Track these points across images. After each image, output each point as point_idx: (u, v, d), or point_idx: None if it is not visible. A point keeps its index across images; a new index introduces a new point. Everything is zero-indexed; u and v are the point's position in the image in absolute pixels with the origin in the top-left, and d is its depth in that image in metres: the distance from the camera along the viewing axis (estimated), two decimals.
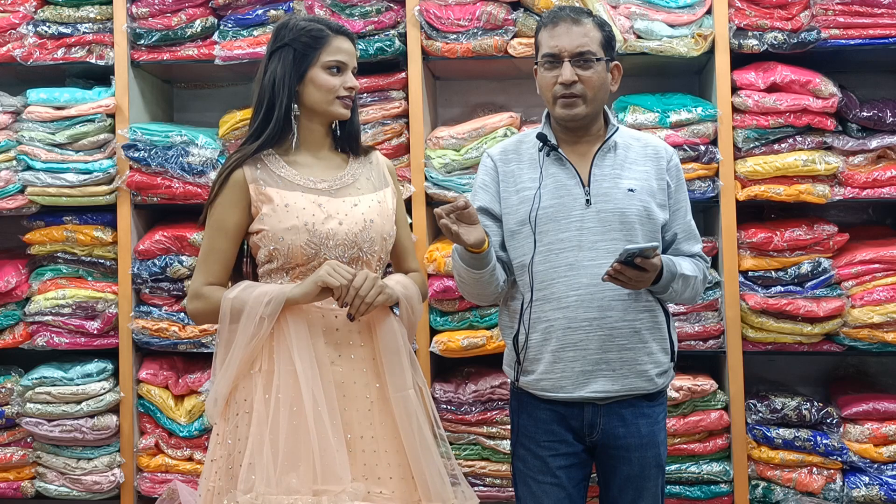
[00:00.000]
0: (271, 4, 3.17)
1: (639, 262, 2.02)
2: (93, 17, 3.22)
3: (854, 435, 2.96)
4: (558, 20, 2.18)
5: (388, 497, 1.98)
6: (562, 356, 2.17)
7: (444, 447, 2.12)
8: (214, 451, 2.06)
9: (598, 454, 2.24)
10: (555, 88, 2.17)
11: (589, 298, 2.15)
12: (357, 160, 2.20)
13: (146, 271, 3.14)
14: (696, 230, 2.32)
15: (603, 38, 2.19)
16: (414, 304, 2.14)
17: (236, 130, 3.15)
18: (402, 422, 2.03)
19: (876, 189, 2.99)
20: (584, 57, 2.15)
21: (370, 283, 1.97)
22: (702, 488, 2.99)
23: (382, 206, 2.14)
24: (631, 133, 2.32)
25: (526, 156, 2.27)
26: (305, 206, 2.04)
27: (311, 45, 2.09)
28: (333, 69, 2.09)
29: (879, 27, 2.97)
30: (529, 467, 2.22)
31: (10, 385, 3.23)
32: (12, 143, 3.22)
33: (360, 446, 2.00)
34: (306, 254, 2.03)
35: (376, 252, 2.11)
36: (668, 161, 2.27)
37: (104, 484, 3.18)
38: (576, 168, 2.21)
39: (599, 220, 2.17)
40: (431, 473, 2.02)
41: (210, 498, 2.03)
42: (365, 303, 1.96)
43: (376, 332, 2.07)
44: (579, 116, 2.19)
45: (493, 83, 3.47)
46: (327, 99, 2.09)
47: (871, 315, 2.93)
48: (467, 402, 3.02)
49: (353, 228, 2.06)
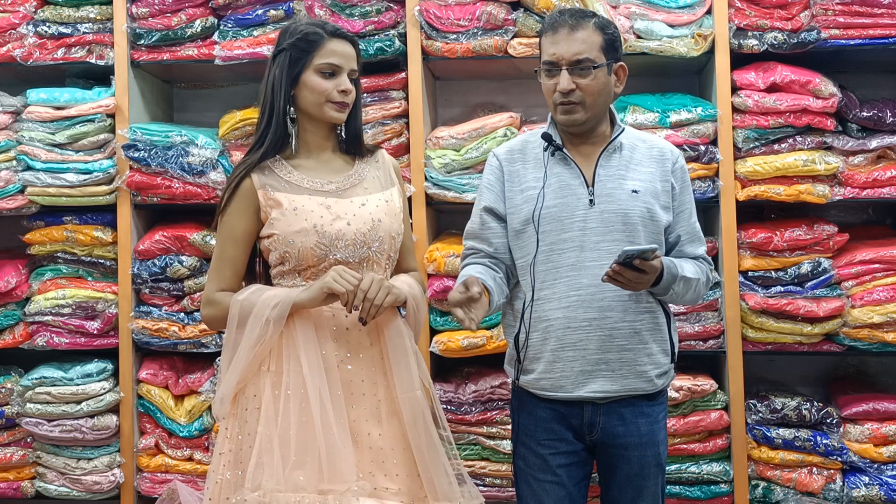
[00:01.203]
0: (271, 4, 3.17)
1: (637, 264, 2.02)
2: (93, 17, 3.22)
3: (854, 435, 2.96)
4: (558, 26, 2.18)
5: (395, 492, 2.00)
6: (561, 356, 2.17)
7: (450, 448, 2.12)
8: (223, 445, 2.07)
9: (598, 453, 2.25)
10: (554, 95, 2.18)
11: (589, 299, 2.15)
12: (363, 160, 2.21)
13: (146, 271, 3.14)
14: (700, 232, 2.33)
15: (605, 41, 2.18)
16: (420, 303, 2.16)
17: (236, 130, 3.15)
18: (410, 422, 2.05)
19: (876, 189, 2.99)
20: (581, 65, 2.15)
21: (377, 285, 1.99)
22: (702, 488, 2.99)
23: (390, 205, 2.15)
24: (637, 134, 2.32)
25: (531, 155, 2.28)
26: (314, 209, 2.06)
27: (306, 48, 2.10)
28: (327, 72, 2.10)
29: (879, 27, 2.97)
30: (530, 465, 2.23)
31: (10, 385, 3.23)
32: (12, 143, 3.22)
33: (367, 443, 2.02)
34: (316, 255, 2.05)
35: (385, 251, 2.13)
36: (674, 163, 2.27)
37: (104, 484, 3.18)
38: (580, 168, 2.21)
39: (602, 221, 2.17)
40: (438, 473, 2.04)
41: (218, 490, 2.04)
42: (374, 305, 1.98)
43: (383, 333, 2.08)
44: (578, 122, 2.19)
45: (493, 83, 3.47)
46: (318, 102, 2.10)
47: (871, 315, 2.93)
48: (467, 402, 3.02)
49: (361, 228, 2.08)
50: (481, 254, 2.27)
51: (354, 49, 2.16)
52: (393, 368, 2.07)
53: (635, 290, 2.11)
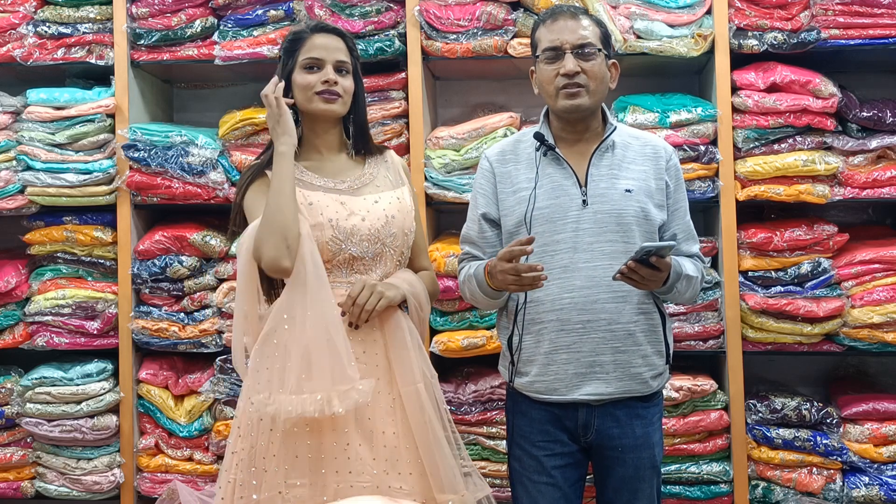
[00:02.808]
0: (271, 4, 3.17)
1: (654, 261, 2.00)
2: (93, 17, 3.22)
3: (854, 435, 2.95)
4: (557, 16, 2.20)
5: (408, 492, 2.01)
6: (554, 358, 2.16)
7: (455, 443, 2.12)
8: (236, 444, 2.08)
9: (594, 455, 2.24)
10: (556, 80, 2.17)
11: (582, 301, 2.14)
12: (373, 159, 2.23)
13: (146, 271, 3.14)
14: (694, 230, 2.31)
15: (601, 33, 2.21)
16: (421, 301, 2.18)
17: (236, 130, 3.15)
18: (413, 415, 2.06)
19: (876, 189, 2.99)
20: (585, 49, 2.16)
21: (368, 290, 2.02)
22: (702, 488, 2.99)
23: (402, 202, 2.18)
24: (630, 132, 2.31)
25: (523, 155, 2.26)
26: (329, 204, 2.08)
27: (292, 48, 2.15)
28: (310, 67, 2.13)
29: (879, 27, 2.97)
30: (525, 467, 2.22)
31: (10, 385, 3.23)
32: (12, 144, 3.22)
33: (382, 441, 2.03)
34: (331, 249, 2.07)
35: (398, 247, 2.15)
36: (668, 161, 2.26)
37: (104, 484, 3.18)
38: (573, 168, 2.20)
39: (596, 222, 2.16)
40: (444, 466, 2.05)
41: (231, 490, 2.04)
42: (365, 311, 2.01)
43: (384, 328, 2.10)
44: (582, 107, 2.18)
45: (493, 83, 3.47)
46: (307, 97, 2.12)
47: (871, 315, 2.92)
48: (467, 402, 3.02)
49: (375, 224, 2.10)
50: (478, 259, 2.27)
51: (343, 41, 2.17)
52: (393, 363, 2.09)
53: (647, 289, 2.10)
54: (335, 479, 1.99)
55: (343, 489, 1.98)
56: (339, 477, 1.99)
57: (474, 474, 2.15)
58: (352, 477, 1.99)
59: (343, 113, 2.17)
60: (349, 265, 2.11)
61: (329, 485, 1.98)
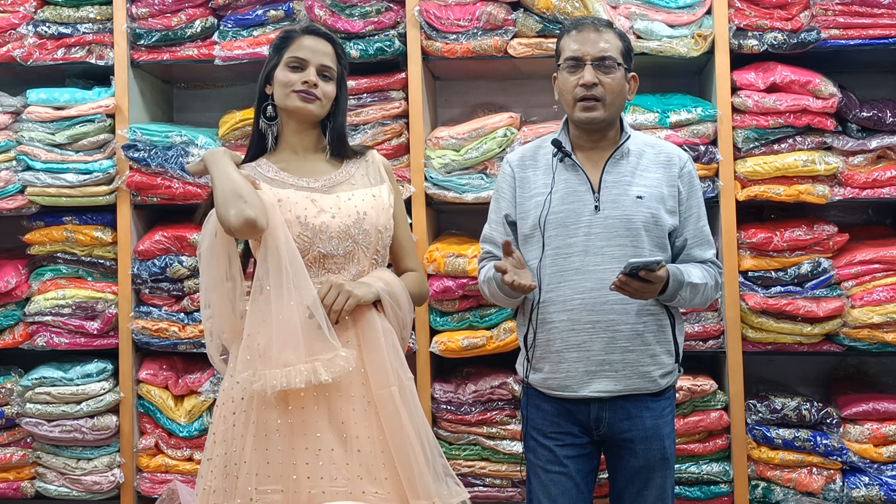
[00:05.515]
0: (271, 4, 3.17)
1: (643, 276, 2.07)
2: (93, 17, 3.22)
3: (854, 435, 2.95)
4: (582, 27, 2.26)
5: (384, 497, 1.98)
6: (566, 356, 2.23)
7: (434, 445, 2.09)
8: (211, 451, 2.07)
9: (606, 448, 2.31)
10: (575, 90, 2.23)
11: (593, 302, 2.21)
12: (352, 161, 2.23)
13: (146, 271, 3.14)
14: (709, 236, 2.35)
15: (623, 47, 2.27)
16: (400, 301, 2.14)
17: (236, 130, 3.15)
18: (387, 420, 2.03)
19: (876, 189, 2.99)
20: (605, 62, 2.22)
21: (335, 291, 2.01)
22: (702, 488, 2.99)
23: (377, 199, 2.16)
24: (646, 140, 2.37)
25: (542, 161, 2.34)
26: (298, 201, 2.08)
27: (280, 45, 2.16)
28: (294, 66, 2.13)
29: (879, 27, 2.97)
30: (539, 457, 2.29)
31: (10, 385, 3.23)
32: (12, 144, 3.22)
33: (356, 446, 2.00)
34: (301, 246, 2.05)
35: (371, 244, 2.13)
36: (681, 168, 2.31)
37: (104, 484, 3.18)
38: (587, 174, 2.26)
39: (606, 227, 2.22)
40: (418, 471, 2.01)
41: (207, 497, 2.03)
42: (333, 311, 2.00)
43: (357, 329, 2.08)
44: (597, 120, 2.24)
45: (493, 83, 3.47)
46: (285, 93, 2.13)
47: (871, 315, 2.92)
48: (467, 403, 3.02)
49: (345, 221, 2.08)
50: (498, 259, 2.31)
51: (332, 46, 2.18)
52: (367, 365, 2.06)
53: (642, 299, 2.17)
54: (308, 484, 1.96)
55: (316, 495, 1.95)
56: (312, 483, 1.96)
57: (451, 479, 2.09)
58: (324, 482, 1.96)
59: (321, 115, 2.16)
60: (320, 263, 2.08)
61: (302, 491, 1.96)
